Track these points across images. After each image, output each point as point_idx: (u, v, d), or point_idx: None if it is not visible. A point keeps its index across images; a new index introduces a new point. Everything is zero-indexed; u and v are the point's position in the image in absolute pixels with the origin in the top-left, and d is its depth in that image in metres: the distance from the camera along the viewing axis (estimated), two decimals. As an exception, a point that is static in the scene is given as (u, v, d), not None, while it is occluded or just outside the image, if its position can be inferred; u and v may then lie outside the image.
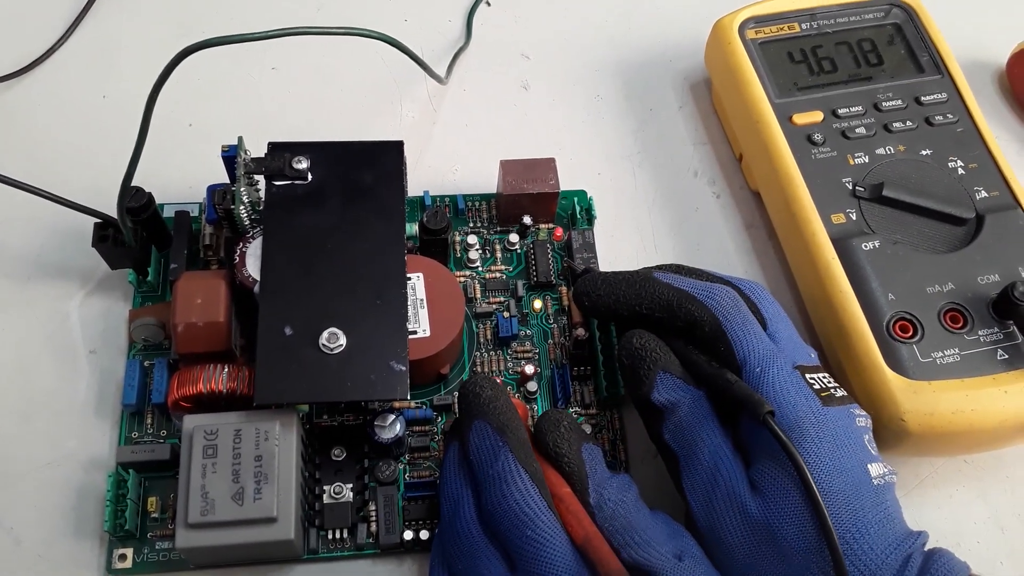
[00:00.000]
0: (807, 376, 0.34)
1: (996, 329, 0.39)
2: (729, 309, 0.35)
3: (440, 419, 0.40)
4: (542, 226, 0.45)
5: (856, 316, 0.39)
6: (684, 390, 0.35)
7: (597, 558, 0.31)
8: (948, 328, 0.39)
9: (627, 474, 0.35)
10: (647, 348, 0.35)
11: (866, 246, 0.40)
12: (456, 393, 0.40)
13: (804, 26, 0.47)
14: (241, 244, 0.38)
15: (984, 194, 0.43)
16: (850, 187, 0.42)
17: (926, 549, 0.32)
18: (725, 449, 0.33)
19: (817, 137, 0.44)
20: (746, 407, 0.32)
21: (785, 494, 0.31)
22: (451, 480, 0.34)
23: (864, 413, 0.34)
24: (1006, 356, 0.38)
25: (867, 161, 0.43)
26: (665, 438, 0.35)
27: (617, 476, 0.34)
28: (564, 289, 0.43)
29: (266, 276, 0.36)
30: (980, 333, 0.39)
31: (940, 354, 0.38)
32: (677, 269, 0.38)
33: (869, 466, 0.32)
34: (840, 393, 0.34)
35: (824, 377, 0.34)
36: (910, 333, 0.39)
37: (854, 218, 0.42)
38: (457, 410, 0.38)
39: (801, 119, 0.44)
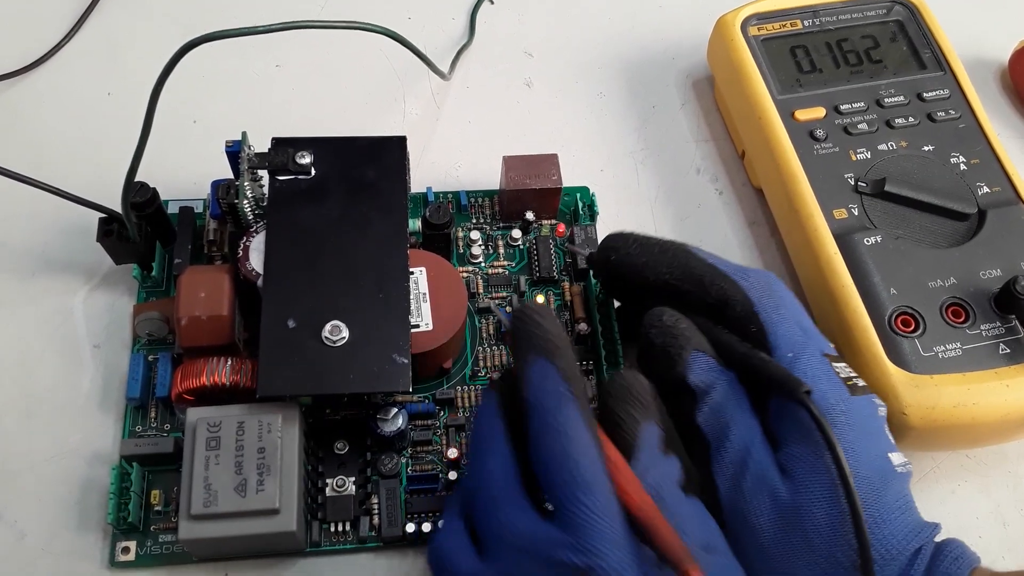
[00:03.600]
0: (833, 365, 0.34)
1: (998, 323, 0.39)
2: (763, 291, 0.35)
3: (443, 413, 0.40)
4: (545, 222, 0.45)
5: (858, 310, 0.39)
6: (718, 371, 0.34)
7: (656, 532, 0.29)
8: (950, 322, 0.39)
9: (678, 458, 0.33)
10: (678, 327, 0.34)
11: (868, 241, 0.40)
12: (460, 388, 0.40)
13: (806, 23, 0.48)
14: (244, 238, 0.38)
15: (986, 189, 0.43)
16: (852, 182, 0.42)
17: (937, 540, 0.32)
18: (756, 431, 0.33)
19: (819, 133, 0.44)
20: (782, 387, 0.32)
21: (815, 477, 0.31)
22: (487, 419, 0.32)
23: (883, 403, 0.34)
24: (1008, 350, 0.38)
25: (869, 157, 0.43)
26: (698, 421, 0.34)
27: (667, 458, 0.33)
28: (567, 284, 0.43)
29: (269, 270, 0.36)
30: (982, 327, 0.39)
31: (942, 348, 0.38)
32: None
33: (890, 455, 0.32)
34: (862, 383, 0.34)
35: (847, 367, 0.34)
36: (912, 327, 0.39)
37: (856, 213, 0.42)
38: (513, 333, 0.33)
39: (803, 115, 0.44)
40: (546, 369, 0.31)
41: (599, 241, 0.43)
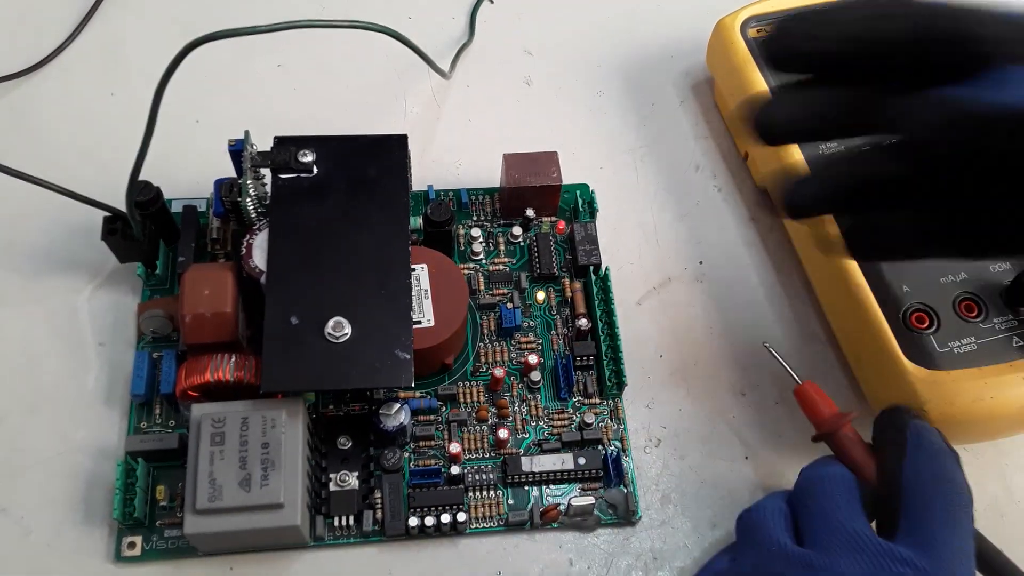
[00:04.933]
0: None
1: (1010, 316, 0.39)
2: None
3: (445, 409, 0.40)
4: (545, 219, 0.45)
5: (873, 309, 0.39)
6: None
7: None
8: (964, 317, 0.39)
9: None
10: None
11: (879, 239, 0.41)
12: (462, 384, 0.41)
13: (804, 23, 0.48)
14: (248, 236, 0.38)
15: (991, 183, 0.43)
16: (859, 180, 0.43)
17: None
18: None
19: (823, 132, 0.44)
20: None
21: None
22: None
23: None
24: (1022, 343, 0.38)
25: (873, 154, 0.44)
26: None
27: None
28: (567, 281, 0.44)
29: (272, 267, 0.37)
30: (995, 321, 0.39)
31: (957, 343, 0.38)
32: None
33: None
34: None
35: None
36: (927, 324, 0.39)
37: (864, 211, 0.42)
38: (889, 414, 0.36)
39: (807, 115, 0.44)
40: (925, 427, 0.34)
41: (597, 239, 0.43)
